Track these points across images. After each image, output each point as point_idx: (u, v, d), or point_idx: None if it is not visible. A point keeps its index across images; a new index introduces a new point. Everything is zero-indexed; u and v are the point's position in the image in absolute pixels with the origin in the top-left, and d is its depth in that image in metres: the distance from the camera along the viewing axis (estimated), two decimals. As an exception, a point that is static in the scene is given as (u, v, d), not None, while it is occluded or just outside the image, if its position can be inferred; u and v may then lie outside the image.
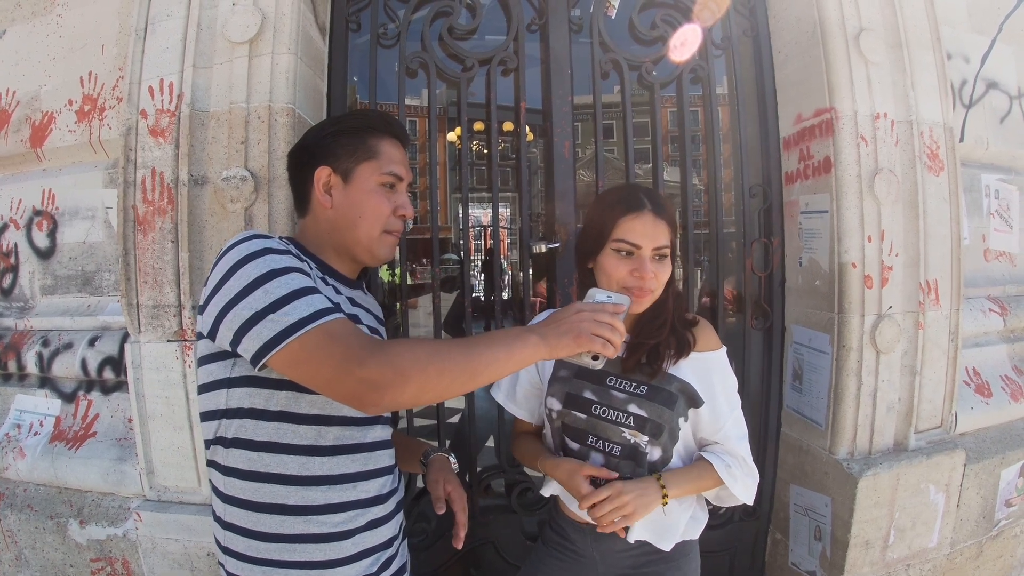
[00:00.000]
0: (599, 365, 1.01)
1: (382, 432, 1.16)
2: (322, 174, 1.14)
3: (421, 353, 0.92)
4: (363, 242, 1.15)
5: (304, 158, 1.17)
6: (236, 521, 1.04)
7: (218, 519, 1.07)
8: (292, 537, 1.02)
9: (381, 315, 1.34)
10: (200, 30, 1.68)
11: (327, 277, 1.13)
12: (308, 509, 1.03)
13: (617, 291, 1.27)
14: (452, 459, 1.36)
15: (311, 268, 1.07)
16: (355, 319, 1.13)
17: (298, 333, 0.90)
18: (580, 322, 0.99)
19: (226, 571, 1.08)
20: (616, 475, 1.25)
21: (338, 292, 1.13)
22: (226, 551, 1.06)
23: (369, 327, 1.18)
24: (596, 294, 1.10)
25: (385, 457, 1.16)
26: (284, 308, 0.92)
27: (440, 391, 0.94)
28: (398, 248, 1.90)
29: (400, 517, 1.22)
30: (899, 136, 1.92)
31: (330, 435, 1.05)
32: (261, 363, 0.93)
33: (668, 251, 1.27)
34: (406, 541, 1.28)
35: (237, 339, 0.94)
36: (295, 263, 0.99)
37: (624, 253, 1.26)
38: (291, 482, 1.02)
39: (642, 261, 1.25)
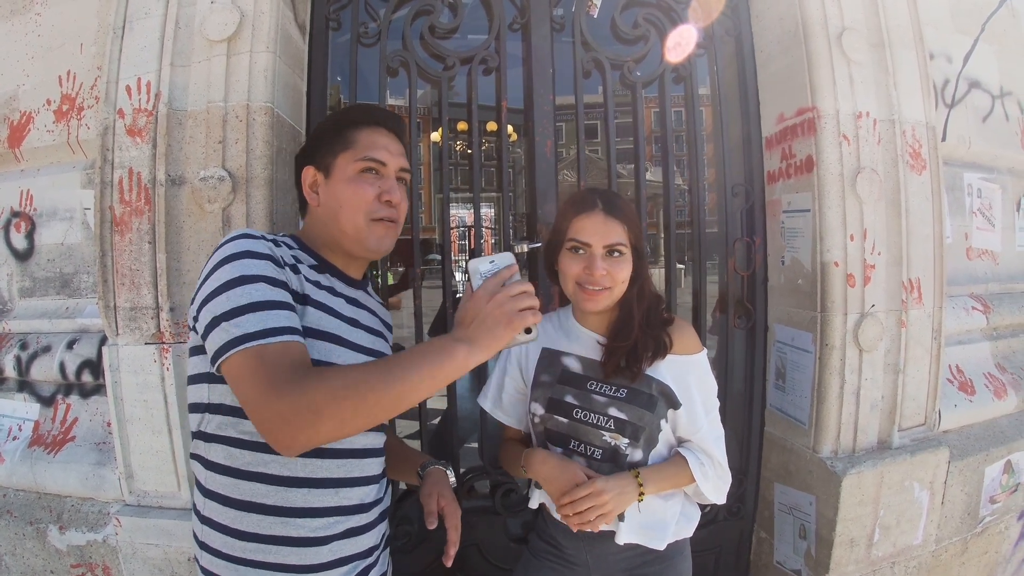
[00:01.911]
0: (533, 337, 0.98)
1: (373, 439, 1.13)
2: (307, 175, 1.16)
3: (337, 385, 0.87)
4: (349, 233, 1.12)
5: (298, 162, 1.20)
6: (214, 516, 1.03)
7: (197, 512, 1.06)
8: (268, 538, 1.00)
9: (388, 318, 1.32)
10: (178, 28, 1.67)
11: (327, 275, 1.13)
12: (287, 511, 1.01)
13: (572, 290, 1.30)
14: (450, 473, 1.34)
15: (301, 267, 1.07)
16: (353, 323, 1.12)
17: (236, 348, 0.90)
18: (501, 308, 0.94)
19: (200, 566, 1.06)
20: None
21: (335, 293, 1.12)
22: (202, 546, 1.05)
23: (369, 328, 1.17)
24: (479, 265, 1.00)
25: (373, 465, 1.13)
26: (236, 319, 0.91)
27: (360, 423, 0.91)
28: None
29: (383, 527, 1.19)
30: (881, 135, 1.93)
31: None
32: (216, 367, 0.94)
33: (624, 249, 1.28)
34: (388, 550, 1.25)
35: (204, 339, 0.95)
36: (270, 270, 0.97)
37: (578, 251, 1.29)
38: (271, 482, 1.01)
39: (592, 258, 1.26)
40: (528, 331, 0.97)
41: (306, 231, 1.19)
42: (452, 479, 1.34)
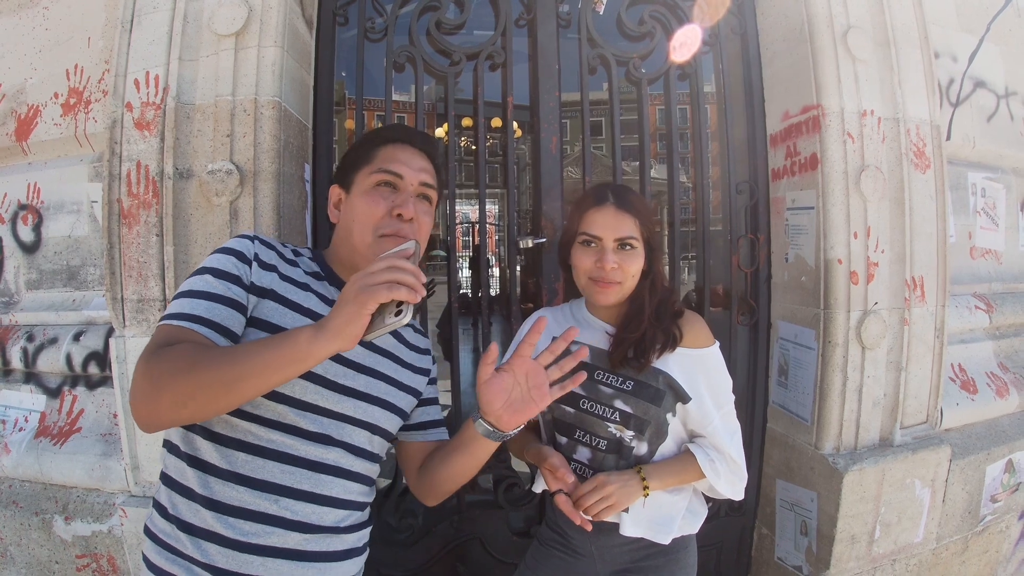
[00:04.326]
0: (406, 318, 0.84)
1: (341, 457, 1.04)
2: (332, 193, 1.17)
3: (179, 362, 0.86)
4: (360, 249, 1.09)
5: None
6: (161, 499, 1.02)
7: (153, 498, 1.05)
8: (201, 531, 0.96)
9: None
10: (186, 22, 1.67)
11: (324, 282, 1.11)
12: (220, 506, 0.96)
13: (584, 284, 1.31)
14: None
15: (285, 268, 1.07)
16: None
17: (158, 325, 0.96)
18: (355, 283, 0.84)
19: (142, 553, 1.03)
20: (573, 478, 1.27)
21: (324, 300, 1.09)
22: (146, 530, 1.03)
23: None
24: (385, 255, 0.92)
25: (336, 486, 1.04)
26: (172, 302, 0.98)
27: (198, 406, 0.87)
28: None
29: (347, 569, 1.07)
30: (886, 133, 1.93)
31: (265, 436, 0.98)
32: None
33: (636, 243, 1.29)
34: None
35: None
36: (227, 264, 1.01)
37: (589, 245, 1.30)
38: (211, 472, 0.97)
39: (603, 252, 1.28)
40: (399, 313, 0.84)
41: (331, 249, 1.20)
42: None
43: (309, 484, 1.00)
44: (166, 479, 1.02)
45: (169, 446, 1.04)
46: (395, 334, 1.17)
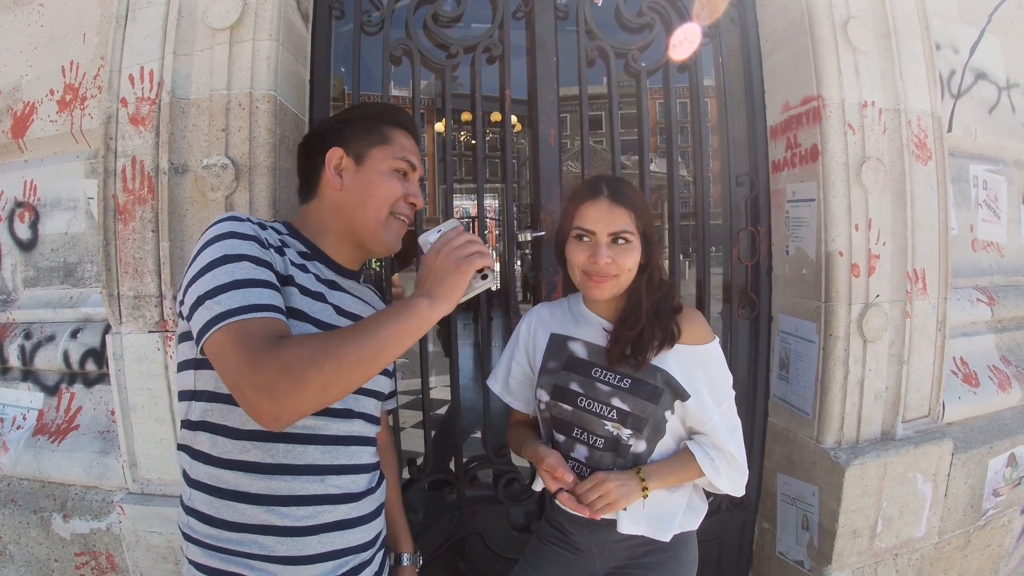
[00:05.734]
0: (490, 282, 1.03)
1: (362, 427, 1.12)
2: (334, 156, 1.15)
3: (315, 350, 0.87)
4: (371, 223, 1.14)
5: (315, 144, 1.19)
6: (198, 506, 1.02)
7: (183, 504, 1.06)
8: (253, 527, 0.99)
9: (382, 306, 1.30)
10: (181, 17, 1.66)
11: (315, 262, 1.13)
12: (270, 499, 0.99)
13: (579, 278, 1.30)
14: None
15: (287, 251, 1.07)
16: (338, 310, 1.10)
17: (218, 325, 0.89)
18: (448, 257, 1.00)
19: (187, 558, 1.05)
20: (572, 477, 1.27)
21: (321, 280, 1.11)
22: (188, 538, 1.04)
23: (355, 316, 1.15)
24: (428, 236, 1.06)
25: (364, 454, 1.12)
26: (219, 296, 0.91)
27: (343, 385, 0.91)
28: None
29: (379, 524, 1.17)
30: (887, 125, 1.92)
31: (299, 423, 0.99)
32: (199, 349, 0.93)
33: (631, 236, 1.26)
34: (384, 551, 1.22)
35: (189, 321, 0.95)
36: (254, 250, 0.97)
37: (583, 239, 1.28)
38: (254, 470, 0.99)
39: (597, 246, 1.26)
40: (484, 277, 1.02)
41: (310, 216, 1.19)
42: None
43: (345, 458, 1.07)
44: (198, 484, 1.02)
45: (192, 452, 1.03)
46: (359, 296, 1.22)
